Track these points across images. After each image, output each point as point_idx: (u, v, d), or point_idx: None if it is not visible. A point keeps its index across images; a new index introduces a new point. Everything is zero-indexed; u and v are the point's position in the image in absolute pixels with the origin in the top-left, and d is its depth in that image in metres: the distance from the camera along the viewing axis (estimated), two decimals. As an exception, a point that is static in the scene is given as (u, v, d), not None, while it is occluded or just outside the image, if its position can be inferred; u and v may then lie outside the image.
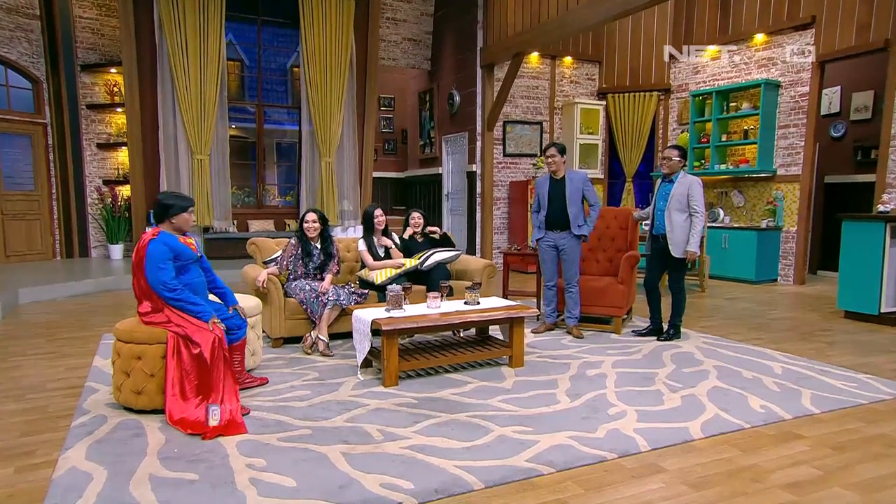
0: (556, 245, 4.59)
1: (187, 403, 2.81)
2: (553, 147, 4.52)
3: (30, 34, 8.10)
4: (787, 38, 7.47)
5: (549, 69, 9.15)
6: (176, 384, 2.83)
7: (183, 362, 2.84)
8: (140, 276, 2.95)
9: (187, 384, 2.83)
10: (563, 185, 4.50)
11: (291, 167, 9.79)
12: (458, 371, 3.73)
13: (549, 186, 4.57)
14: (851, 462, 2.50)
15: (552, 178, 4.58)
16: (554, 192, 4.54)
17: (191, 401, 2.82)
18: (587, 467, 2.42)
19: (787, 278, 7.62)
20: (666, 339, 4.54)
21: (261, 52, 9.16)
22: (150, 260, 2.90)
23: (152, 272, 2.90)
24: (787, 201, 7.59)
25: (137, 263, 2.96)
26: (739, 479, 2.33)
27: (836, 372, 3.76)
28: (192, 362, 2.85)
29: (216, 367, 2.84)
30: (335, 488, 2.21)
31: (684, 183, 4.37)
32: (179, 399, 2.82)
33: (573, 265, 4.56)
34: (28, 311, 5.55)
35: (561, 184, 4.52)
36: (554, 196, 4.53)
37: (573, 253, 4.54)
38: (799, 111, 7.42)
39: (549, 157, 4.52)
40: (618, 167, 9.52)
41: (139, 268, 2.95)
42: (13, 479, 2.30)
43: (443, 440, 2.65)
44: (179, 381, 2.84)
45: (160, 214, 3.05)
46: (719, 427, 2.84)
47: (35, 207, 8.28)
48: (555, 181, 4.56)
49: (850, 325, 5.19)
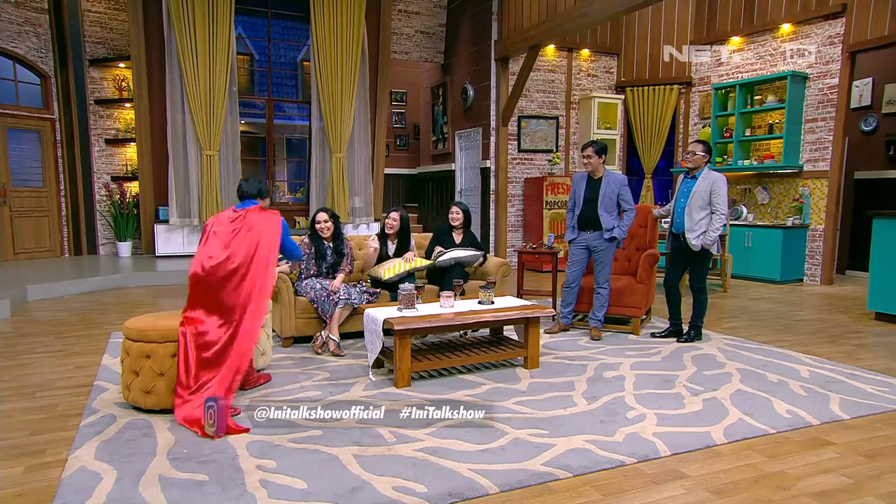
0: (587, 247, 4.48)
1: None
2: (590, 147, 4.41)
3: (38, 29, 8.10)
4: (816, 27, 7.27)
5: (565, 62, 9.01)
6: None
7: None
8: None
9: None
10: (599, 185, 4.40)
11: (302, 163, 9.79)
12: (472, 372, 3.67)
13: (586, 185, 4.46)
14: (884, 470, 2.41)
15: (590, 176, 4.46)
16: (590, 191, 4.43)
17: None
18: (605, 472, 2.36)
19: (814, 278, 7.44)
20: (686, 340, 4.43)
21: (271, 46, 9.14)
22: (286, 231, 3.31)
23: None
24: (814, 198, 7.40)
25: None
26: (765, 487, 2.26)
27: (866, 376, 3.64)
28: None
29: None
30: (347, 491, 2.17)
31: (708, 180, 4.24)
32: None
33: (606, 267, 4.44)
34: (36, 309, 5.57)
35: (598, 184, 4.41)
36: (589, 196, 4.42)
37: (606, 255, 4.43)
38: (827, 104, 7.22)
39: (586, 157, 4.41)
40: (636, 163, 9.37)
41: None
42: (22, 479, 2.29)
43: (456, 442, 2.60)
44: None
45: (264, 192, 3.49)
46: (743, 432, 2.75)
47: (43, 204, 8.30)
48: (592, 180, 4.45)
49: (881, 328, 5.04)
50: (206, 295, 2.99)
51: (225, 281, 2.98)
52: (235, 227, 3.12)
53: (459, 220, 4.79)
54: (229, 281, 2.98)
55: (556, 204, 8.44)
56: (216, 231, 3.13)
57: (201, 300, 3.00)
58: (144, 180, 8.16)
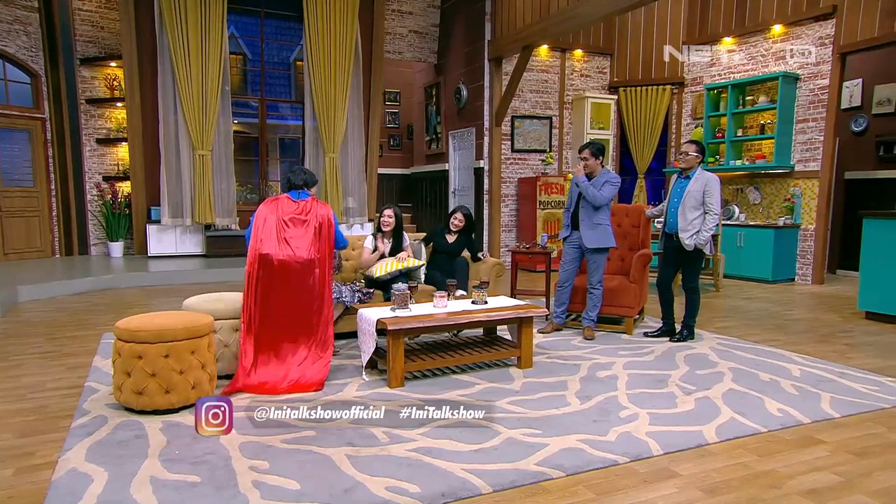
0: (580, 246, 4.49)
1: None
2: (587, 149, 4.42)
3: (28, 27, 8.02)
4: (807, 28, 7.32)
5: (558, 62, 9.03)
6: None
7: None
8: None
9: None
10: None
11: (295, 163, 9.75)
12: (465, 372, 3.67)
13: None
14: (873, 469, 2.43)
15: (588, 177, 4.47)
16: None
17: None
18: (598, 471, 2.37)
19: (806, 278, 7.49)
20: (679, 340, 4.45)
21: (263, 46, 9.10)
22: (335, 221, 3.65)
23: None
24: (805, 198, 7.45)
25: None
26: (756, 485, 2.27)
27: (857, 375, 3.67)
28: None
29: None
30: (340, 491, 2.17)
31: (701, 180, 4.26)
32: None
33: (599, 267, 4.45)
34: (27, 310, 5.52)
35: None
36: (582, 195, 4.43)
37: (598, 255, 4.43)
38: (818, 105, 7.27)
39: (583, 158, 4.42)
40: (629, 163, 9.40)
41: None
42: (13, 481, 2.27)
43: (450, 442, 2.60)
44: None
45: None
46: (735, 431, 2.77)
47: (34, 204, 8.22)
48: (589, 180, 4.45)
49: (871, 327, 5.07)
50: (279, 281, 3.37)
51: (301, 272, 3.39)
52: (301, 219, 3.51)
53: (460, 226, 4.81)
54: (306, 272, 3.40)
55: (550, 204, 8.46)
56: (287, 220, 3.50)
57: (274, 287, 3.37)
58: (136, 180, 8.11)
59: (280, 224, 3.47)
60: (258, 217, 3.51)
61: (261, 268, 3.36)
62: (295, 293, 3.39)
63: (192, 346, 2.94)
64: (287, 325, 3.37)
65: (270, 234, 3.42)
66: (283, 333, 3.37)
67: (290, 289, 3.38)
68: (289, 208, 3.54)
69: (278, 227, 3.46)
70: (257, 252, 3.38)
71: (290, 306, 3.38)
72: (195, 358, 2.95)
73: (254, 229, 3.47)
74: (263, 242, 3.40)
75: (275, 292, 3.37)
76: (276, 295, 3.36)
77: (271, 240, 3.41)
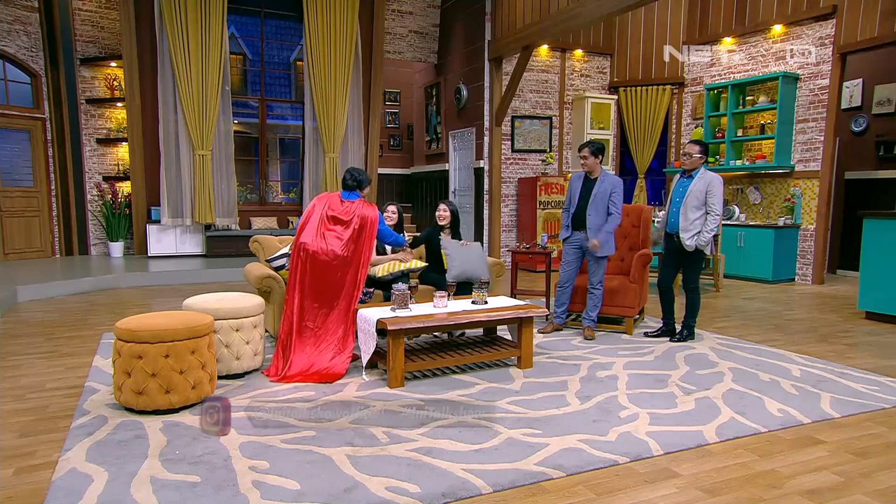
0: (581, 247, 4.48)
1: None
2: (586, 147, 4.40)
3: (28, 27, 8.03)
4: (807, 28, 7.32)
5: (558, 62, 9.03)
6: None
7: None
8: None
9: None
10: (594, 185, 4.39)
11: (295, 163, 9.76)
12: (466, 372, 3.67)
13: (582, 185, 4.45)
14: (873, 468, 2.43)
15: (587, 175, 4.46)
16: (585, 191, 4.43)
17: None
18: (598, 471, 2.37)
19: (806, 278, 7.49)
20: (679, 340, 4.45)
21: (264, 46, 9.10)
22: (382, 222, 3.90)
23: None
24: (805, 198, 7.45)
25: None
26: (756, 485, 2.27)
27: (857, 375, 3.67)
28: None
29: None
30: (340, 491, 2.17)
31: (704, 180, 4.24)
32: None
33: (600, 268, 4.44)
34: (27, 310, 5.52)
35: (593, 184, 4.40)
36: (583, 195, 4.42)
37: (601, 257, 4.41)
38: (818, 105, 7.27)
39: (582, 157, 4.41)
40: (629, 163, 9.40)
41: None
42: (12, 481, 2.27)
43: (450, 443, 2.60)
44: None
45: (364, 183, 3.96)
46: (735, 431, 2.77)
47: (34, 204, 8.23)
48: (589, 180, 4.44)
49: (871, 327, 5.07)
50: (310, 271, 3.58)
51: (332, 267, 3.60)
52: (342, 219, 3.73)
53: (447, 218, 4.65)
54: (335, 268, 3.61)
55: (550, 204, 8.46)
56: (329, 216, 3.74)
57: (305, 277, 3.59)
58: (136, 180, 8.11)
59: (323, 219, 3.73)
60: (308, 209, 3.83)
61: (297, 256, 3.62)
62: (324, 285, 3.59)
63: (193, 346, 2.94)
64: (313, 316, 3.59)
65: (312, 227, 3.70)
66: (311, 321, 3.59)
67: (322, 281, 3.59)
68: (336, 206, 3.80)
69: (321, 221, 3.72)
70: (298, 240, 3.66)
71: (319, 297, 3.59)
72: (195, 358, 2.95)
73: (302, 219, 3.77)
74: (305, 232, 3.68)
75: (307, 282, 3.59)
76: (307, 286, 3.59)
77: (311, 231, 3.68)
